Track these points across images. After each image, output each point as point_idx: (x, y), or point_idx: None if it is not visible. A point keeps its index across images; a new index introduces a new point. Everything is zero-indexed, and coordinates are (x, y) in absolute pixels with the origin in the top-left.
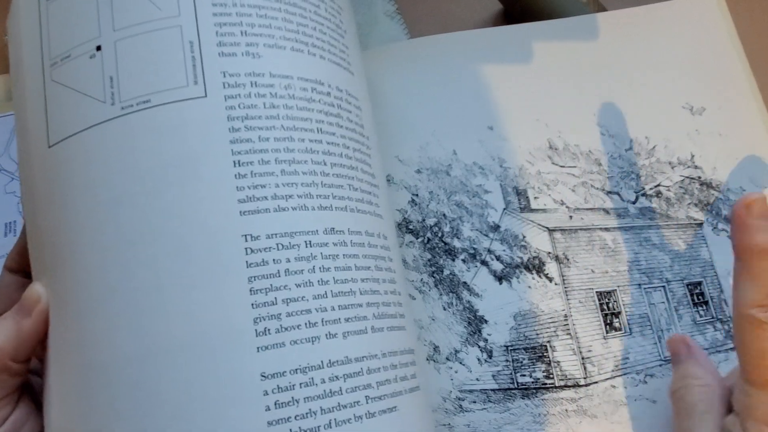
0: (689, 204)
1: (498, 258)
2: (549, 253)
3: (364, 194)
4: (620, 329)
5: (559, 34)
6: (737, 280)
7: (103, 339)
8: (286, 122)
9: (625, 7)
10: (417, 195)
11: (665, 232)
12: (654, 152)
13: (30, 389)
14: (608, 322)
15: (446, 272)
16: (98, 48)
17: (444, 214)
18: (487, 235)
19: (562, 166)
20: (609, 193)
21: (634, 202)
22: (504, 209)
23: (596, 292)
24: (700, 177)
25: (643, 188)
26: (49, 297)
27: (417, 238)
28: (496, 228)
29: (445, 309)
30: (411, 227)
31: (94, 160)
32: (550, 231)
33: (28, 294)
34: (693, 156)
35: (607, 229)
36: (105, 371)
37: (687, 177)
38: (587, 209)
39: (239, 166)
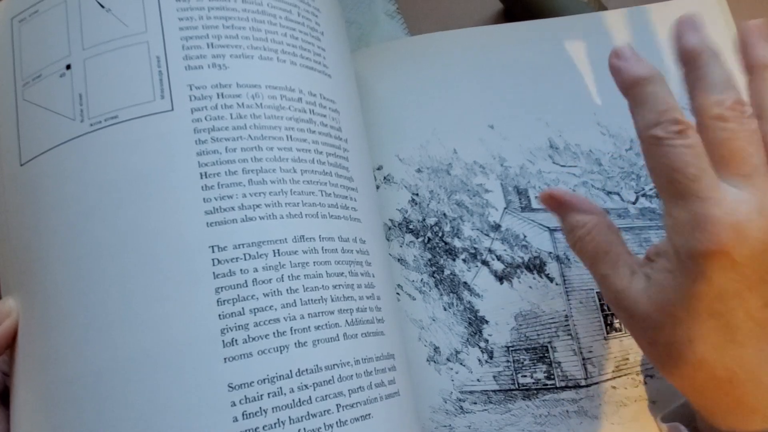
0: None
1: (499, 258)
2: (550, 253)
3: (339, 199)
4: (621, 330)
5: (560, 32)
6: (632, 113)
7: (71, 353)
8: (253, 132)
9: (625, 6)
10: (417, 194)
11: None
12: None
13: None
14: (609, 322)
15: (447, 272)
16: (68, 67)
17: (444, 214)
18: (487, 235)
19: (562, 166)
20: (609, 193)
21: (634, 203)
22: (505, 208)
23: (597, 292)
24: None
25: (644, 189)
26: (20, 312)
27: (417, 238)
28: (496, 227)
29: (445, 309)
30: (411, 227)
31: (65, 176)
32: (551, 231)
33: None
34: None
35: None
36: (72, 385)
37: None
38: None
39: (206, 177)
